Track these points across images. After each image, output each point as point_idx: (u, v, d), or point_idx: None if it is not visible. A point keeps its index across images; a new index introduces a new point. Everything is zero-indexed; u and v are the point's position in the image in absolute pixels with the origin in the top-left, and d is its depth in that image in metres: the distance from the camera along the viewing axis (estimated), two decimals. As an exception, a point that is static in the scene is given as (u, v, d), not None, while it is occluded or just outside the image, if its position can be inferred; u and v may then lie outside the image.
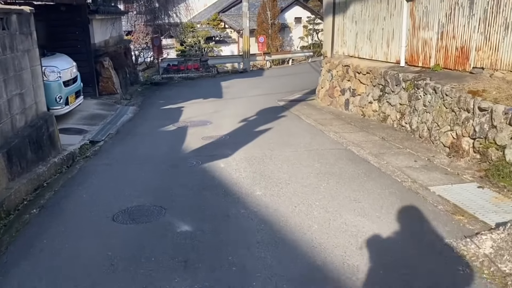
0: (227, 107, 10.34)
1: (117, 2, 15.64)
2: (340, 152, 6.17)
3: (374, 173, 5.23)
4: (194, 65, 17.42)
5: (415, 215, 4.00)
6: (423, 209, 4.10)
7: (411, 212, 4.06)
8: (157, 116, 9.70)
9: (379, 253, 3.37)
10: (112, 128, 8.49)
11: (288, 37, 29.68)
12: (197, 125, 8.45)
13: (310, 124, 8.19)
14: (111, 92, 11.76)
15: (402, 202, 4.29)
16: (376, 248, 3.42)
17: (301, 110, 9.65)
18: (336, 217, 3.98)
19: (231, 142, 6.95)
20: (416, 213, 4.04)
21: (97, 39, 11.92)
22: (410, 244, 3.49)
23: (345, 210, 4.15)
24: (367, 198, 4.43)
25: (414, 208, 4.14)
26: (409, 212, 4.07)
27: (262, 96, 12.12)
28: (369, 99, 8.38)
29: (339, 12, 9.71)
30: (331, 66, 9.95)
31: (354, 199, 4.42)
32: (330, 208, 4.19)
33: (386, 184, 4.84)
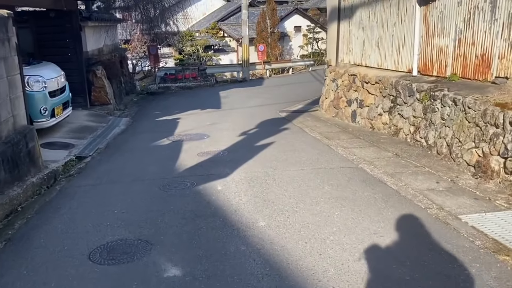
0: (226, 119, 9.68)
1: (115, 10, 15.07)
2: (351, 171, 5.49)
3: (393, 198, 4.54)
4: (192, 74, 16.81)
5: (450, 256, 3.31)
6: (459, 247, 3.41)
7: (445, 252, 3.37)
8: (150, 128, 9.02)
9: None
10: (102, 142, 7.80)
11: (287, 45, 29.18)
12: (193, 139, 7.78)
13: (315, 138, 7.52)
14: (103, 103, 11.09)
15: (431, 237, 3.60)
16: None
17: (305, 122, 8.99)
18: (356, 257, 3.29)
19: (230, 159, 6.27)
20: (451, 252, 3.35)
21: (90, 47, 11.28)
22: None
23: (366, 247, 3.46)
24: (389, 231, 3.74)
25: (448, 245, 3.44)
26: (443, 252, 3.37)
27: (262, 106, 11.47)
28: (379, 111, 7.73)
29: (345, 18, 9.10)
30: (336, 75, 9.31)
31: (374, 231, 3.73)
32: (347, 244, 3.50)
33: (408, 211, 4.16)
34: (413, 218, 3.99)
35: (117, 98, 12.21)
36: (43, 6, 9.36)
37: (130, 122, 9.76)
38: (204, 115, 10.38)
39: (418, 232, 3.74)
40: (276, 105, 11.52)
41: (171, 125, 9.08)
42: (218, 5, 32.51)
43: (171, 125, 9.14)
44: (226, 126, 8.84)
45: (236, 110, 10.93)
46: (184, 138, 7.87)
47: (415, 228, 3.82)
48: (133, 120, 10.11)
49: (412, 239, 3.62)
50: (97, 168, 6.20)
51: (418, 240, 3.57)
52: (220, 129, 8.55)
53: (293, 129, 8.30)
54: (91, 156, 6.91)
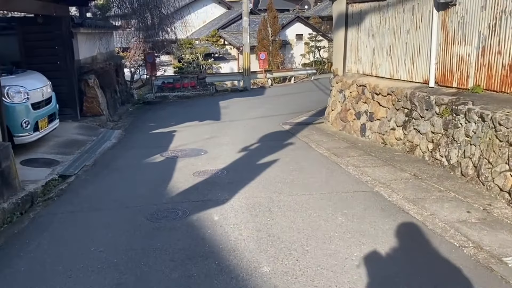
0: (225, 132, 9.00)
1: (114, 18, 14.45)
2: (366, 197, 4.79)
3: (419, 233, 3.84)
4: (190, 83, 16.17)
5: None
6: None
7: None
8: (144, 142, 8.34)
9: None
10: (90, 159, 7.11)
11: (289, 54, 28.60)
12: (189, 155, 7.09)
13: (322, 154, 6.83)
14: (96, 114, 10.42)
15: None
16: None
17: (310, 136, 8.30)
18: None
19: (229, 180, 5.57)
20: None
21: (82, 55, 10.64)
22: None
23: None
24: (423, 282, 3.04)
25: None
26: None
27: (264, 118, 10.79)
28: (391, 125, 7.05)
29: (353, 25, 8.46)
30: (343, 86, 8.65)
31: (406, 283, 3.03)
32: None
33: (441, 251, 3.46)
34: (449, 263, 3.29)
35: (111, 109, 11.55)
36: (30, 11, 8.73)
37: (122, 135, 9.08)
38: (202, 128, 9.70)
39: (458, 282, 3.04)
40: (279, 117, 10.85)
41: (166, 139, 8.40)
42: (218, 13, 32.01)
43: (166, 138, 8.46)
44: (226, 140, 8.16)
45: (236, 122, 10.26)
46: (179, 154, 7.18)
47: (453, 276, 3.12)
48: (126, 132, 9.43)
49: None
50: (80, 190, 5.51)
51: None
52: (218, 143, 7.86)
53: (298, 144, 7.61)
54: (76, 175, 6.22)
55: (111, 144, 8.25)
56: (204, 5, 30.99)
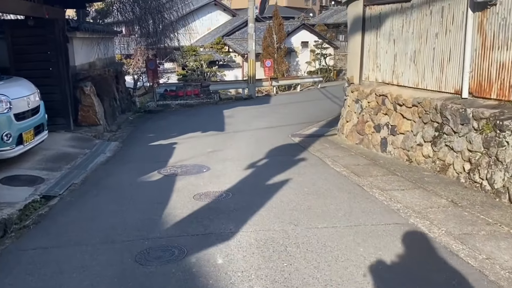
0: (230, 145, 8.14)
1: (117, 24, 13.69)
2: (403, 232, 3.90)
3: (479, 286, 2.96)
4: (194, 90, 15.37)
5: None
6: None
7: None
8: (141, 156, 7.48)
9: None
10: (79, 175, 6.27)
11: (294, 61, 27.82)
12: (190, 172, 6.23)
13: (340, 173, 5.96)
14: (92, 123, 9.61)
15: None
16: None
17: (324, 150, 7.43)
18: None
19: (235, 205, 4.70)
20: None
21: (79, 60, 9.86)
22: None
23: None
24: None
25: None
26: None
27: (271, 129, 9.94)
28: (418, 140, 6.17)
29: (371, 29, 7.62)
30: (360, 95, 7.79)
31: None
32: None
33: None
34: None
35: (109, 118, 10.73)
36: (19, 13, 7.97)
37: (118, 148, 8.23)
38: (205, 139, 8.85)
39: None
40: (287, 127, 10.00)
41: (165, 153, 7.55)
42: (223, 20, 31.34)
43: (165, 152, 7.61)
44: (230, 154, 7.30)
45: (241, 133, 9.41)
46: (179, 171, 6.33)
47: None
48: (123, 144, 8.59)
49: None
50: (61, 216, 4.65)
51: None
52: (222, 158, 7.01)
53: (311, 160, 6.74)
54: (61, 196, 5.38)
55: (105, 158, 7.41)
56: (209, 12, 30.34)
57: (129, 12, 12.93)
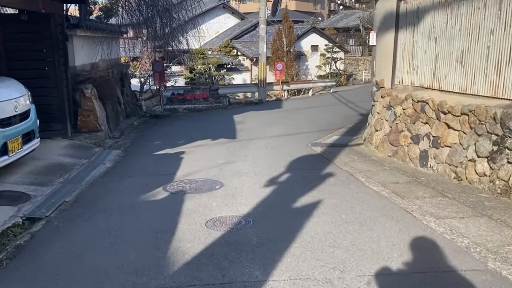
0: (244, 155, 7.15)
1: (125, 27, 12.76)
2: (486, 284, 2.88)
3: None
4: (202, 94, 14.41)
5: None
6: None
7: None
8: (145, 168, 6.50)
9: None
10: (71, 192, 5.30)
11: (304, 65, 26.85)
12: (200, 189, 5.24)
13: (379, 193, 4.94)
14: (92, 129, 8.66)
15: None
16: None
17: (352, 163, 6.42)
18: None
19: (258, 238, 3.70)
20: None
21: (79, 61, 8.94)
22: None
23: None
24: None
25: None
26: None
27: (288, 137, 8.94)
28: (470, 155, 5.14)
29: (406, 26, 6.61)
30: (393, 101, 6.77)
31: None
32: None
33: None
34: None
35: (112, 123, 9.79)
36: (11, 6, 7.06)
37: (120, 157, 7.25)
38: (215, 148, 7.86)
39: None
40: (305, 135, 9.00)
41: (172, 164, 6.57)
42: (231, 24, 30.47)
43: (172, 163, 6.63)
44: (246, 167, 6.30)
45: (255, 142, 8.41)
46: (188, 187, 5.34)
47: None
48: (126, 153, 7.61)
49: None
50: (43, 250, 3.68)
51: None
52: (237, 172, 6.01)
53: (340, 176, 5.72)
54: (48, 219, 4.41)
55: (105, 169, 6.43)
56: (217, 15, 29.49)
57: (135, 11, 12.04)
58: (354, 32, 31.26)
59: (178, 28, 13.70)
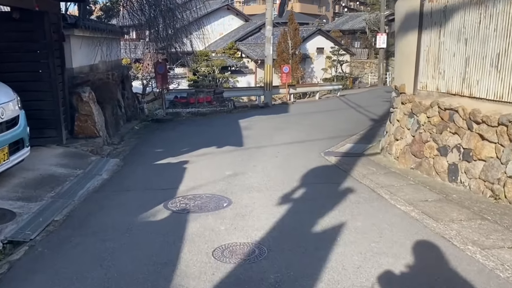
0: (253, 166, 6.55)
1: (127, 28, 12.20)
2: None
3: None
4: (206, 97, 13.83)
5: None
6: None
7: None
8: (144, 180, 5.90)
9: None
10: (62, 209, 4.71)
11: (309, 68, 26.29)
12: (206, 207, 4.65)
13: (408, 214, 4.34)
14: (90, 135, 8.09)
15: None
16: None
17: (372, 176, 5.81)
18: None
19: (276, 275, 3.09)
20: None
21: (77, 62, 8.36)
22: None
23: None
24: None
25: None
26: None
27: (298, 144, 8.34)
28: (510, 171, 4.53)
29: (431, 27, 6.01)
30: (416, 109, 6.16)
31: None
32: None
33: None
34: None
35: (111, 128, 9.21)
36: (2, 3, 6.49)
37: (118, 167, 6.67)
38: (221, 157, 7.26)
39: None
40: (316, 143, 8.40)
41: (174, 175, 5.98)
42: (235, 25, 29.93)
43: (174, 174, 6.04)
44: (255, 180, 5.70)
45: (264, 150, 7.81)
46: (192, 205, 4.74)
47: None
48: (124, 162, 7.02)
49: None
50: (21, 285, 3.09)
51: None
52: (246, 186, 5.41)
53: (361, 192, 5.12)
54: (32, 243, 3.83)
55: (101, 181, 5.85)
56: (221, 16, 28.94)
57: (137, 11, 11.50)
58: (360, 35, 30.69)
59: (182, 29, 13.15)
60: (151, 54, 15.55)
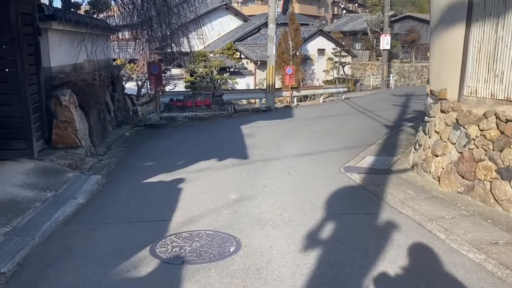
0: (263, 186, 5.32)
1: (121, 29, 10.93)
2: None
3: None
4: (204, 100, 12.58)
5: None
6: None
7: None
8: (127, 208, 4.64)
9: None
10: (15, 254, 3.46)
11: (310, 70, 25.09)
12: (207, 254, 3.41)
13: (480, 265, 3.13)
14: (71, 145, 6.85)
15: None
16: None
17: (411, 202, 4.59)
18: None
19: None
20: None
21: (56, 61, 7.09)
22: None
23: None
24: None
25: None
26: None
27: (311, 157, 7.11)
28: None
29: (485, 19, 4.81)
30: (462, 119, 4.96)
31: None
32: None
33: None
34: None
35: (97, 136, 7.94)
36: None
37: (99, 186, 5.40)
38: (224, 174, 6.01)
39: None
40: (331, 154, 7.19)
41: (166, 201, 4.73)
42: (234, 25, 28.66)
43: (166, 199, 4.79)
44: (269, 208, 4.47)
45: (273, 164, 6.58)
46: (188, 250, 3.50)
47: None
48: (108, 180, 5.75)
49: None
50: None
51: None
52: (258, 218, 4.18)
53: (405, 227, 3.89)
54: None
55: (74, 208, 4.59)
56: (220, 16, 27.64)
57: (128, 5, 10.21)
58: (361, 36, 29.51)
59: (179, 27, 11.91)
60: (146, 53, 14.33)
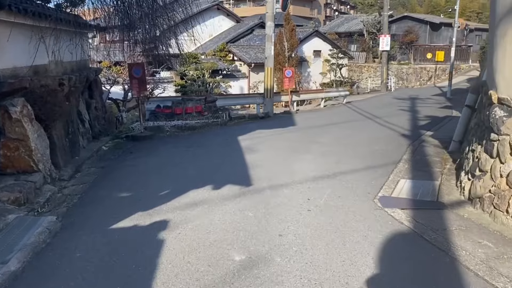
0: (278, 235, 3.75)
1: (106, 30, 9.25)
2: None
3: None
4: (196, 107, 10.96)
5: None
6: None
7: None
8: (81, 280, 3.03)
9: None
10: None
11: (306, 72, 23.61)
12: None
13: None
14: (24, 169, 5.23)
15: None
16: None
17: (496, 263, 3.04)
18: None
19: None
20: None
21: (4, 61, 5.43)
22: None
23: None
24: None
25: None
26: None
27: (331, 180, 5.53)
28: None
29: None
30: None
31: None
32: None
33: None
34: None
35: (62, 155, 6.28)
36: None
37: (48, 237, 3.76)
38: (222, 214, 4.40)
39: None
40: (356, 176, 5.64)
41: (138, 269, 3.12)
42: (226, 26, 27.04)
43: (139, 265, 3.18)
44: (296, 283, 2.89)
45: (285, 193, 5.00)
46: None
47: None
48: (63, 225, 4.10)
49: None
50: None
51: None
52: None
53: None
54: None
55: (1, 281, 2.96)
56: (211, 17, 25.98)
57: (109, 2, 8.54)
58: (357, 37, 28.14)
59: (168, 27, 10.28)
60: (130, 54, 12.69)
